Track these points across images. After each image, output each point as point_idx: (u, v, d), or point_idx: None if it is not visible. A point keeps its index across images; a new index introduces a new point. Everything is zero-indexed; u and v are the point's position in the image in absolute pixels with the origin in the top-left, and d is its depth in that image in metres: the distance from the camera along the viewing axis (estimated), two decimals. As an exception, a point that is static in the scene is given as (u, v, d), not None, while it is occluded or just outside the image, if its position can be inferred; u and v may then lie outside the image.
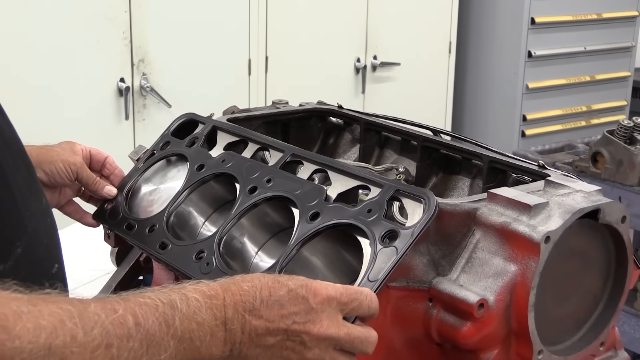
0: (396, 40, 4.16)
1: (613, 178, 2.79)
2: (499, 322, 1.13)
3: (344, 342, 1.00)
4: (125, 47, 3.37)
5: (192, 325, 0.93)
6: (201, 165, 1.42)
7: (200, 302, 0.95)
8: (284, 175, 1.31)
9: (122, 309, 0.88)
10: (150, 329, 0.89)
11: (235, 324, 0.96)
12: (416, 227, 1.10)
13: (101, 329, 0.85)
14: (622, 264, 1.23)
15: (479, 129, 4.58)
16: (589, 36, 4.52)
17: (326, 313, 0.99)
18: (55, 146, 1.50)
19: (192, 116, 1.56)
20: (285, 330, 0.98)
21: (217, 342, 0.95)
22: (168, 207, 1.39)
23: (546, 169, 1.35)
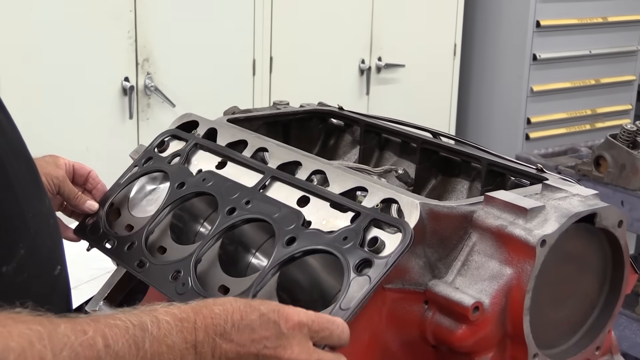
0: (401, 42, 4.17)
1: (615, 182, 2.79)
2: (494, 325, 1.13)
3: None
4: (130, 47, 3.38)
5: (162, 348, 0.92)
6: (182, 183, 1.40)
7: (171, 325, 0.94)
8: (263, 197, 1.30)
9: (92, 330, 0.88)
10: (120, 351, 0.89)
11: (205, 347, 0.96)
12: (390, 258, 1.09)
13: (70, 351, 0.85)
14: (618, 268, 1.23)
15: (483, 132, 4.58)
16: (594, 40, 4.52)
17: (297, 339, 0.99)
18: (39, 159, 1.47)
19: (176, 132, 1.54)
20: (256, 354, 0.98)
21: None
22: (147, 225, 1.37)
23: (544, 173, 1.35)
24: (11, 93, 3.12)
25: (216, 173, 1.40)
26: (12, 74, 3.11)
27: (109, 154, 3.38)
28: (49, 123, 3.22)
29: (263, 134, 1.58)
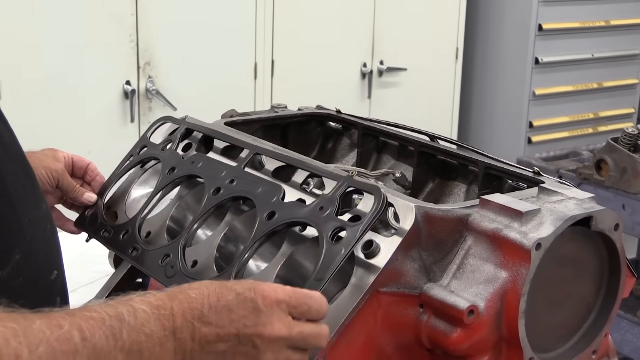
0: (403, 46, 4.16)
1: (617, 186, 2.78)
2: (489, 328, 1.13)
3: (297, 341, 1.00)
4: (131, 50, 3.38)
5: (141, 337, 0.92)
6: (172, 167, 1.43)
7: (148, 313, 0.94)
8: (247, 175, 1.33)
9: (68, 324, 0.87)
10: (97, 343, 0.88)
11: (184, 332, 0.95)
12: (363, 224, 1.11)
13: (47, 346, 0.84)
14: (615, 272, 1.23)
15: (485, 135, 4.57)
16: (596, 43, 4.51)
17: (276, 315, 0.99)
18: (38, 152, 1.50)
19: (168, 120, 1.57)
20: (236, 334, 0.97)
21: (167, 352, 0.94)
22: (140, 212, 1.40)
23: (541, 176, 1.35)
24: (12, 96, 3.12)
25: (204, 155, 1.43)
26: (14, 77, 3.12)
27: (110, 157, 3.36)
28: (51, 126, 3.22)
29: (260, 137, 1.59)
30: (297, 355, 1.01)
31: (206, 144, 1.51)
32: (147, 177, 1.54)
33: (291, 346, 1.00)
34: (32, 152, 1.48)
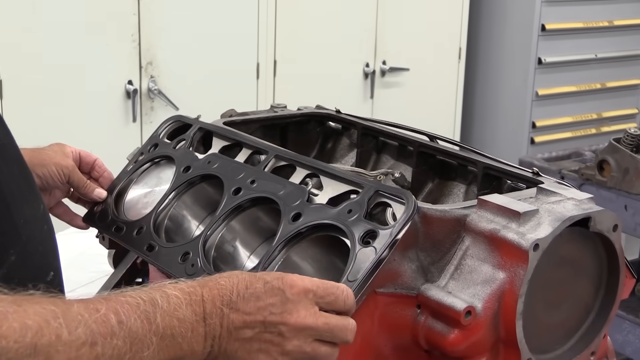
0: (405, 46, 4.16)
1: (619, 186, 2.77)
2: (486, 329, 1.13)
3: (323, 332, 1.01)
4: (133, 50, 3.38)
5: (174, 322, 0.94)
6: (187, 167, 1.43)
7: (180, 299, 0.96)
8: (268, 176, 1.32)
9: (105, 308, 0.90)
10: (133, 326, 0.90)
11: (214, 318, 0.97)
12: (395, 227, 1.11)
13: (85, 328, 0.86)
14: (614, 273, 1.22)
15: (487, 136, 4.56)
16: (600, 43, 4.50)
17: (302, 304, 1.00)
18: (47, 149, 1.51)
19: (180, 118, 1.57)
20: (262, 322, 0.99)
21: (198, 337, 0.96)
22: (155, 209, 1.40)
23: (540, 176, 1.34)
24: (14, 96, 3.12)
25: (221, 155, 1.43)
26: (16, 77, 3.12)
27: (112, 157, 3.37)
28: (53, 126, 3.22)
29: (260, 137, 1.58)
30: (325, 348, 1.02)
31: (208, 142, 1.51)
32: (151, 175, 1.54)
33: (318, 338, 1.01)
34: (41, 149, 1.50)
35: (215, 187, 1.41)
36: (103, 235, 1.53)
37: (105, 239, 1.52)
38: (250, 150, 1.42)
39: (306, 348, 1.00)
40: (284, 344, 1.00)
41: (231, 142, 1.47)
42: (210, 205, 1.42)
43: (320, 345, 1.02)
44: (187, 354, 0.96)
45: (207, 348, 0.98)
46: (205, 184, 1.43)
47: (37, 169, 1.45)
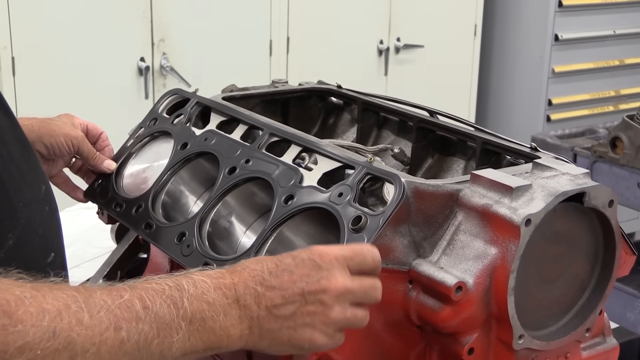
0: (420, 22, 4.12)
1: (632, 164, 2.74)
2: (478, 305, 1.11)
3: (360, 293, 1.01)
4: (145, 27, 3.38)
5: (203, 306, 0.92)
6: (185, 143, 1.43)
7: (208, 283, 0.94)
8: (263, 155, 1.32)
9: (129, 294, 0.88)
10: (159, 311, 0.88)
11: (248, 299, 0.96)
12: (383, 214, 1.10)
13: (108, 312, 0.84)
14: (610, 249, 1.20)
15: (503, 113, 4.53)
16: (618, 19, 4.44)
17: (336, 269, 0.99)
18: (56, 119, 1.52)
19: (178, 92, 1.58)
20: (301, 294, 0.97)
21: (232, 320, 0.94)
22: (154, 186, 1.40)
23: (538, 152, 1.33)
24: (27, 73, 3.13)
25: (217, 132, 1.42)
26: (28, 54, 3.13)
27: (124, 134, 3.39)
28: (65, 103, 3.21)
29: (260, 112, 1.58)
30: (362, 311, 1.02)
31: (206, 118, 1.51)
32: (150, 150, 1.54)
33: (354, 301, 1.01)
34: (50, 119, 1.50)
35: (211, 162, 1.40)
36: (102, 211, 1.53)
37: (104, 214, 1.52)
38: (246, 126, 1.42)
39: (347, 313, 1.00)
40: (327, 312, 0.99)
41: (228, 117, 1.46)
42: (207, 181, 1.42)
43: (358, 309, 1.02)
44: (223, 339, 0.94)
45: (245, 331, 0.95)
46: (202, 159, 1.43)
47: (46, 138, 1.46)
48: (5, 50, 3.07)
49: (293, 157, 1.29)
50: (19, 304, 0.78)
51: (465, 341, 1.14)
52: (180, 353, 0.90)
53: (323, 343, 1.00)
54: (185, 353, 0.91)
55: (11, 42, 3.07)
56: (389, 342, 1.18)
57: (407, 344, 1.19)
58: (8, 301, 0.78)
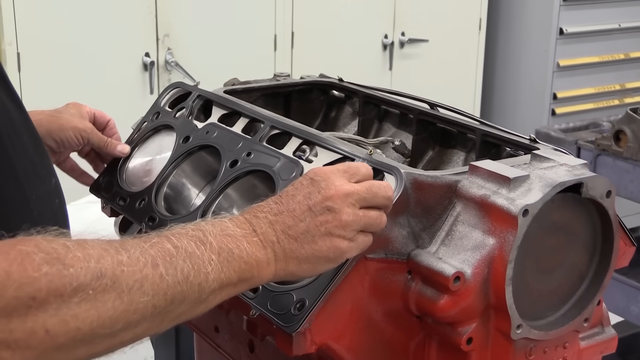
0: (425, 17, 4.13)
1: (635, 157, 2.74)
2: (476, 295, 1.12)
3: (366, 195, 1.05)
4: (150, 22, 3.39)
5: (226, 239, 0.97)
6: (187, 137, 1.44)
7: (225, 222, 0.99)
8: (264, 147, 1.33)
9: (157, 238, 0.92)
10: (188, 247, 0.93)
11: (263, 227, 1.00)
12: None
13: (143, 252, 0.89)
14: (608, 240, 1.21)
15: (508, 107, 4.53)
16: (623, 13, 4.43)
17: (333, 177, 1.04)
18: (64, 111, 1.52)
19: (180, 85, 1.58)
20: (308, 209, 1.02)
21: (256, 246, 0.99)
22: (157, 180, 1.41)
23: (537, 143, 1.33)
24: (32, 68, 3.15)
25: (219, 125, 1.44)
26: (33, 49, 3.14)
27: (129, 129, 3.41)
28: (70, 99, 3.21)
29: (261, 106, 1.59)
30: (374, 211, 1.05)
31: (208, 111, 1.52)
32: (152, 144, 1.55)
33: (363, 205, 1.04)
34: (58, 112, 1.52)
35: (213, 155, 1.42)
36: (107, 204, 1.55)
37: (107, 207, 1.53)
38: (248, 119, 1.43)
39: (359, 214, 1.03)
40: (339, 217, 1.02)
41: (229, 110, 1.47)
42: (208, 174, 1.43)
43: (369, 209, 1.05)
44: (253, 266, 0.98)
45: (270, 255, 0.99)
46: (204, 152, 1.44)
47: (55, 133, 1.48)
48: (10, 46, 3.08)
49: (294, 150, 1.30)
50: (66, 251, 0.83)
51: (463, 331, 1.15)
52: (217, 285, 0.94)
53: (346, 247, 1.03)
54: (222, 285, 0.95)
55: (16, 38, 3.09)
56: (389, 332, 1.19)
57: (407, 334, 1.20)
58: (56, 249, 0.82)
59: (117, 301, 0.84)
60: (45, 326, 0.79)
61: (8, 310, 0.77)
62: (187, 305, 0.92)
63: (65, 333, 0.81)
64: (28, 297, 0.78)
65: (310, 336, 1.10)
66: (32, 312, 0.79)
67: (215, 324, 1.48)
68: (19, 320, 0.78)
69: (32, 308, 0.79)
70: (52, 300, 0.80)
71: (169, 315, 0.91)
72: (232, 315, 1.40)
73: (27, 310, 0.78)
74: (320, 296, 1.09)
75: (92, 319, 0.82)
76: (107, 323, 0.84)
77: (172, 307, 0.90)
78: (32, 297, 0.79)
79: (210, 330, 1.50)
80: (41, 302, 0.79)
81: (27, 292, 0.78)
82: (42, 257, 0.80)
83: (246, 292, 1.16)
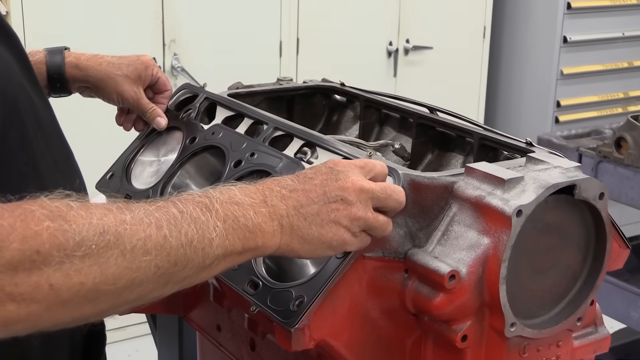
0: (429, 24, 4.16)
1: (636, 163, 2.77)
2: (471, 293, 1.15)
3: (380, 194, 1.08)
4: (157, 27, 3.42)
5: (233, 207, 0.97)
6: (193, 137, 1.47)
7: (234, 190, 1.00)
8: (267, 149, 1.36)
9: (163, 202, 0.93)
10: (193, 213, 0.93)
11: (274, 200, 1.02)
12: None
13: (147, 213, 0.90)
14: (601, 241, 1.24)
15: (512, 115, 4.55)
16: (627, 21, 4.46)
17: (352, 172, 1.07)
18: (124, 67, 1.57)
19: (188, 87, 1.61)
20: (324, 193, 1.04)
21: (263, 217, 1.00)
22: (163, 179, 1.44)
23: (533, 146, 1.36)
24: (40, 73, 3.18)
25: (223, 126, 1.47)
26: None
27: (136, 132, 3.44)
28: (77, 103, 3.26)
29: (265, 109, 1.61)
30: (383, 217, 1.09)
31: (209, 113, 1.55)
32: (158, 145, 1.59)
33: (376, 204, 1.08)
34: (117, 68, 1.57)
35: (217, 156, 1.45)
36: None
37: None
38: (252, 121, 1.46)
39: (369, 213, 1.06)
40: (350, 208, 1.05)
41: (234, 112, 1.51)
42: (212, 175, 1.46)
43: (379, 214, 1.08)
44: (257, 236, 0.99)
45: (276, 228, 1.01)
46: (208, 153, 1.47)
47: (100, 92, 1.54)
48: (19, 51, 3.12)
49: (295, 151, 1.33)
50: (69, 209, 0.84)
51: (458, 329, 1.17)
52: (221, 251, 0.95)
53: (349, 239, 1.06)
54: (226, 253, 0.96)
55: (25, 43, 3.12)
56: (386, 330, 1.22)
57: (404, 332, 1.23)
58: (59, 207, 0.84)
59: (120, 258, 0.85)
60: (50, 280, 0.81)
61: (13, 263, 0.79)
62: (191, 270, 0.93)
63: (69, 288, 0.82)
64: (32, 251, 0.80)
65: (308, 332, 1.12)
66: (36, 265, 0.80)
67: (217, 322, 1.51)
68: (24, 273, 0.79)
69: (37, 262, 0.80)
70: (55, 254, 0.81)
71: (172, 278, 0.92)
72: (234, 313, 1.43)
73: (32, 264, 0.80)
74: (318, 293, 1.11)
75: (95, 275, 0.83)
76: (110, 279, 0.85)
77: (175, 269, 0.91)
78: (36, 251, 0.80)
79: (212, 329, 1.53)
80: (45, 256, 0.80)
81: (30, 245, 0.80)
82: (44, 213, 0.82)
83: (246, 289, 1.19)
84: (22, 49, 1.21)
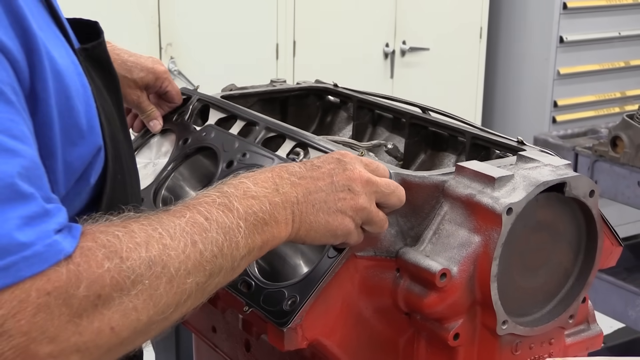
0: (426, 25, 4.16)
1: (632, 162, 2.77)
2: (462, 292, 1.15)
3: (384, 189, 1.10)
4: (153, 31, 3.43)
5: (250, 201, 0.98)
6: (186, 139, 1.48)
7: (246, 183, 1.01)
8: (259, 149, 1.36)
9: (189, 212, 0.93)
10: (219, 218, 0.94)
11: (285, 187, 1.03)
12: None
13: (182, 231, 0.90)
14: (592, 238, 1.24)
15: (509, 115, 4.56)
16: (623, 21, 4.46)
17: (358, 164, 1.09)
18: (133, 71, 1.54)
19: (181, 89, 1.63)
20: (332, 182, 1.06)
21: (278, 207, 1.01)
22: (156, 180, 1.44)
23: (524, 145, 1.36)
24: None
25: (216, 127, 1.48)
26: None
27: (132, 135, 3.45)
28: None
29: (258, 111, 1.62)
30: (383, 214, 1.12)
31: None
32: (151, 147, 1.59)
33: (379, 199, 1.10)
34: (128, 70, 1.55)
35: (210, 157, 1.45)
36: None
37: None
38: (244, 122, 1.47)
39: (373, 206, 1.09)
40: (356, 199, 1.07)
41: (227, 114, 1.51)
42: (205, 177, 1.47)
43: (380, 210, 1.11)
44: (273, 227, 1.00)
45: (289, 216, 1.02)
46: (201, 155, 1.48)
47: None
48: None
49: (287, 152, 1.34)
50: (120, 243, 0.83)
51: (450, 327, 1.18)
52: (245, 251, 0.96)
53: (352, 229, 1.08)
54: (249, 251, 0.97)
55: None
56: (379, 329, 1.22)
57: (396, 330, 1.23)
58: (111, 241, 0.83)
59: (168, 286, 0.86)
60: (111, 323, 0.80)
61: (79, 311, 0.77)
62: (222, 277, 0.94)
63: (128, 327, 0.82)
64: (95, 296, 0.79)
65: (301, 332, 1.13)
66: (98, 310, 0.79)
67: (212, 324, 1.51)
68: (87, 320, 0.78)
69: (98, 306, 0.79)
70: (115, 295, 0.80)
71: (207, 289, 0.93)
72: (228, 314, 1.44)
73: (94, 309, 0.79)
74: (311, 293, 1.12)
75: (149, 308, 0.84)
76: (162, 309, 0.85)
77: (210, 280, 0.92)
78: (98, 295, 0.79)
79: (208, 331, 1.54)
80: (105, 299, 0.79)
81: (94, 290, 0.79)
82: (103, 253, 0.81)
83: (239, 289, 1.20)
84: (120, 92, 1.21)
